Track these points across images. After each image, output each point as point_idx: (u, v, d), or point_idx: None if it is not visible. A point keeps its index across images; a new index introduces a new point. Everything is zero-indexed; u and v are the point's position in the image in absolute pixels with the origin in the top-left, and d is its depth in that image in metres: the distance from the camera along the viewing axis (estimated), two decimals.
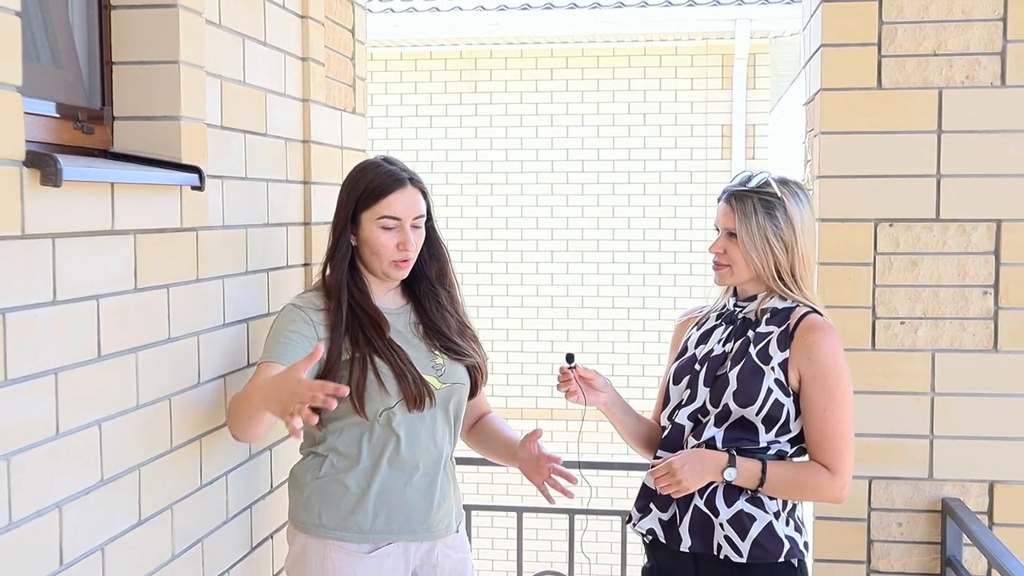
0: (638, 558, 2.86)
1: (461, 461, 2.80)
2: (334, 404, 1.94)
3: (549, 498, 2.51)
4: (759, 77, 8.58)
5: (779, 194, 2.39)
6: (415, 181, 2.41)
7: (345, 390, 1.96)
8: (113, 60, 2.07)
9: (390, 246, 2.38)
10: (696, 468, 2.38)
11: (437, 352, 2.47)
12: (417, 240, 2.42)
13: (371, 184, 2.39)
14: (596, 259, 8.67)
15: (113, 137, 2.08)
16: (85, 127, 1.98)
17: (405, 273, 2.44)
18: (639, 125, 8.55)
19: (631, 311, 8.59)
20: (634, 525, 2.54)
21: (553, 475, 2.48)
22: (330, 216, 2.49)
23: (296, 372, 1.98)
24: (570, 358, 2.51)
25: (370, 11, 8.29)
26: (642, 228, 8.59)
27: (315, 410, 2.25)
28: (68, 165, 1.66)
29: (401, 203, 2.38)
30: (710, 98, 8.53)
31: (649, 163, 8.56)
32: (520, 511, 3.42)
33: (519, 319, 8.71)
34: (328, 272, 2.43)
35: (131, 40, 2.07)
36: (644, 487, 2.53)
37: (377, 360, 2.36)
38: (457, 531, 2.56)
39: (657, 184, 8.56)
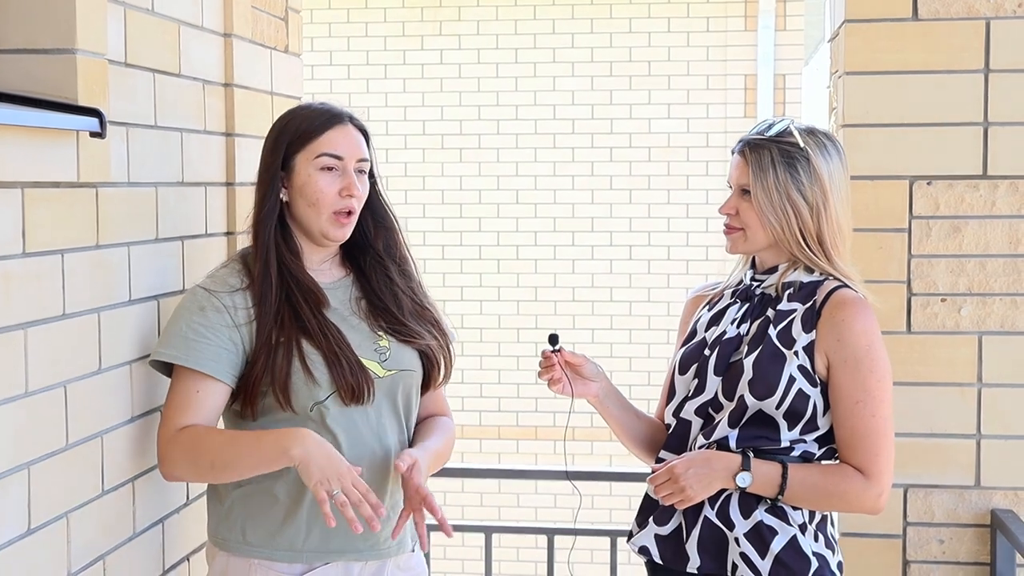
0: None
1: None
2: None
3: (422, 541, 2.57)
4: (790, 16, 8.65)
5: (802, 144, 2.47)
6: (355, 120, 2.52)
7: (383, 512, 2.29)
8: None
9: (331, 192, 2.46)
10: (703, 473, 2.44)
11: (381, 333, 2.54)
12: (362, 188, 2.50)
13: (306, 120, 2.49)
14: (590, 241, 8.71)
15: None
16: None
17: (346, 232, 2.51)
18: (642, 76, 8.60)
19: (633, 305, 8.63)
20: (630, 542, 2.63)
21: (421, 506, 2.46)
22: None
23: (354, 473, 2.28)
24: (554, 340, 2.57)
25: None
26: (647, 203, 8.64)
27: (247, 404, 2.43)
28: None
29: (343, 139, 2.48)
30: (730, 42, 8.60)
31: (655, 122, 8.61)
32: (488, 531, 3.53)
33: (495, 316, 8.76)
34: (253, 231, 2.51)
35: None
36: (646, 498, 2.60)
37: (305, 344, 2.43)
38: (413, 550, 2.63)
39: (665, 148, 8.62)
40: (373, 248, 2.60)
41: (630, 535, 2.64)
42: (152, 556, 2.60)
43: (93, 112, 2.19)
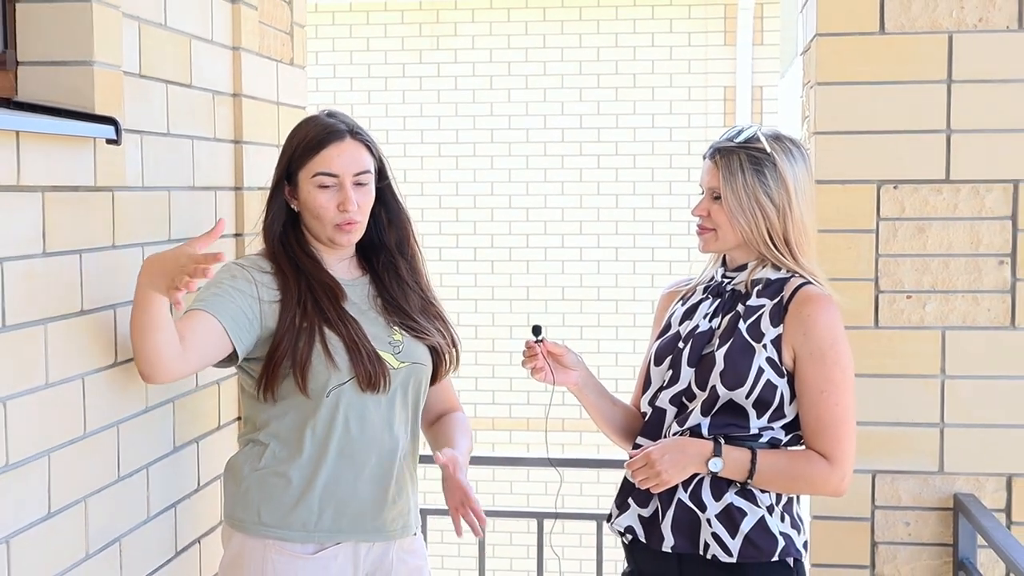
0: (617, 564, 2.98)
1: (423, 459, 2.88)
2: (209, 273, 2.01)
3: (457, 529, 2.56)
4: (767, 31, 8.69)
5: (769, 150, 2.48)
6: (356, 133, 2.52)
7: (223, 257, 2.02)
8: None
9: (330, 208, 2.48)
10: (677, 458, 2.46)
11: (396, 328, 2.57)
12: (362, 200, 2.51)
13: (306, 138, 2.50)
14: (579, 243, 8.74)
15: (17, 84, 2.18)
16: None
17: (352, 238, 2.54)
18: (628, 87, 8.63)
19: (619, 304, 8.66)
20: (611, 523, 2.64)
21: (466, 507, 2.51)
22: (265, 180, 2.61)
23: (191, 247, 2.04)
24: (537, 331, 2.59)
25: None
26: (632, 207, 8.68)
27: (268, 385, 2.40)
28: None
29: (338, 158, 2.48)
30: (710, 56, 8.63)
31: (640, 131, 8.65)
32: None
33: (490, 314, 8.78)
34: (265, 235, 2.55)
35: None
36: (624, 482, 2.61)
37: (327, 331, 2.45)
38: (415, 534, 2.65)
39: (649, 156, 8.65)
40: (386, 246, 2.63)
41: (610, 517, 2.65)
42: (165, 538, 2.62)
43: (109, 120, 2.21)
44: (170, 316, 2.20)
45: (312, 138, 2.49)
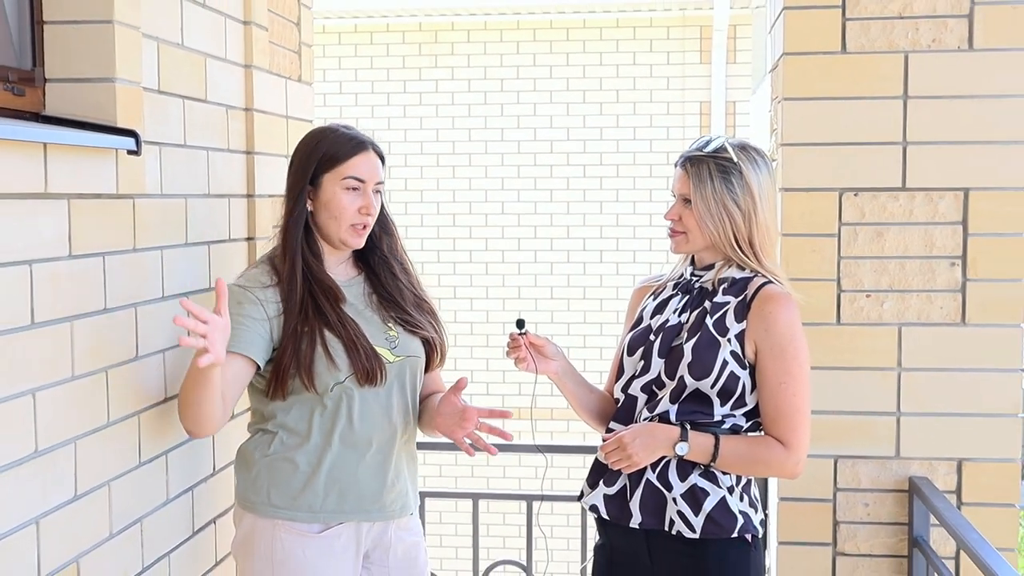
0: None
1: (422, 446, 2.88)
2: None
3: (468, 450, 2.55)
4: (740, 51, 8.70)
5: (735, 159, 2.49)
6: (375, 147, 2.55)
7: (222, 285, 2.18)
8: (44, 19, 2.17)
9: (352, 209, 2.50)
10: (647, 442, 2.47)
11: (391, 324, 2.58)
12: (376, 207, 2.55)
13: (335, 145, 2.51)
14: (566, 247, 8.75)
15: (45, 100, 2.18)
16: (15, 89, 2.09)
17: (361, 241, 2.55)
18: (611, 102, 8.64)
19: (603, 302, 8.67)
20: (581, 500, 2.66)
21: (483, 420, 2.50)
22: (275, 188, 2.61)
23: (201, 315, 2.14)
24: (520, 324, 2.60)
25: None
26: (615, 213, 8.69)
27: (279, 386, 2.43)
28: None
29: (365, 165, 2.51)
30: (687, 73, 8.64)
31: (622, 143, 8.65)
32: (476, 497, 3.55)
33: (484, 311, 8.79)
34: (282, 235, 2.53)
35: None
36: (596, 462, 2.62)
37: (327, 333, 2.46)
38: (412, 513, 2.67)
39: (631, 166, 8.66)
40: (379, 250, 2.64)
41: (581, 494, 2.66)
42: (183, 519, 2.62)
43: (130, 133, 2.21)
44: (218, 383, 2.28)
45: (343, 145, 2.51)
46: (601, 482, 2.60)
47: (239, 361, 2.42)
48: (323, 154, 2.51)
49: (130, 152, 2.22)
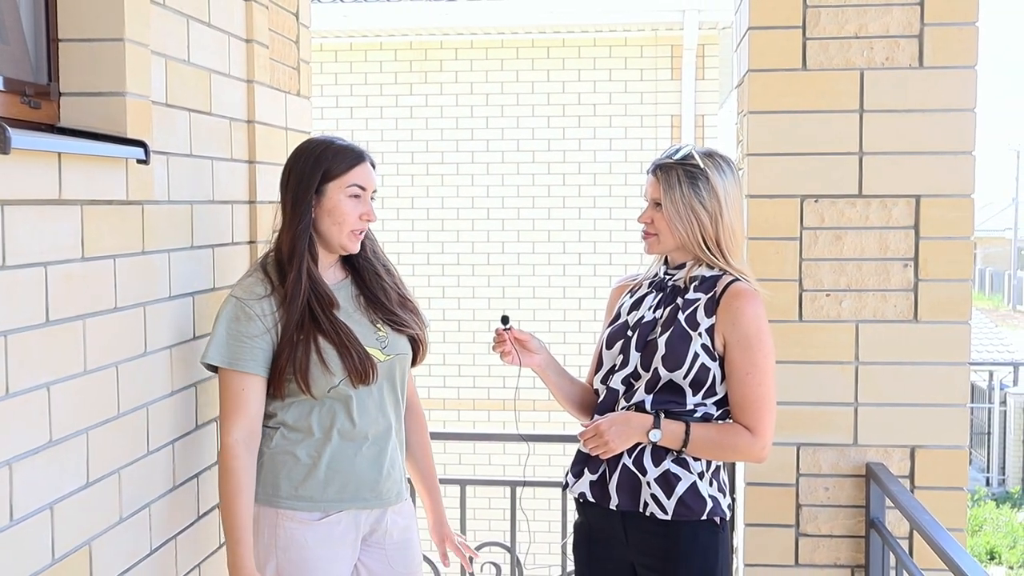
0: None
1: None
2: None
3: (444, 558, 2.91)
4: (708, 68, 8.72)
5: (702, 165, 2.49)
6: (371, 158, 2.55)
7: None
8: (59, 37, 2.16)
9: (354, 215, 2.49)
10: (622, 430, 2.48)
11: (380, 325, 2.57)
12: (375, 214, 2.54)
13: (339, 155, 2.49)
14: (547, 250, 8.76)
15: (60, 112, 2.16)
16: (32, 102, 2.07)
17: (359, 246, 2.54)
18: (589, 115, 8.65)
19: (582, 301, 8.68)
20: (568, 489, 2.65)
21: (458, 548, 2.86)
22: (275, 195, 2.59)
23: None
24: (505, 319, 2.60)
25: (320, 1, 8.36)
26: (592, 219, 8.70)
27: (276, 389, 2.45)
28: (16, 134, 1.76)
29: (367, 175, 2.52)
30: (660, 88, 8.66)
31: (599, 153, 8.66)
32: (463, 483, 3.55)
33: (471, 310, 8.78)
34: (288, 243, 2.47)
35: (77, 17, 2.16)
36: (579, 452, 2.62)
37: (321, 340, 2.45)
38: (406, 499, 2.67)
39: (607, 174, 8.67)
40: (363, 252, 2.62)
41: (567, 484, 2.66)
42: (189, 505, 2.60)
43: (139, 143, 2.20)
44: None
45: (347, 155, 2.50)
46: (586, 470, 2.60)
47: (254, 380, 2.43)
48: (328, 164, 2.48)
49: (139, 161, 2.21)
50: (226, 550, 2.42)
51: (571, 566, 2.77)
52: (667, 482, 2.48)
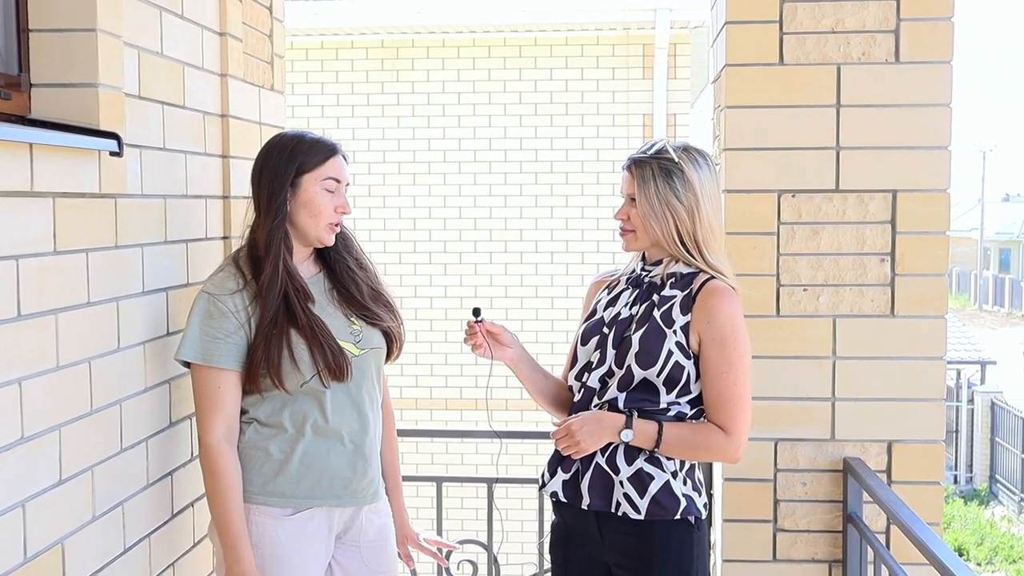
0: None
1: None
2: None
3: (407, 559, 2.85)
4: (680, 67, 8.73)
5: (677, 160, 2.46)
6: (343, 152, 2.54)
7: None
8: (30, 27, 2.12)
9: (330, 207, 2.47)
10: (594, 429, 2.45)
11: (354, 319, 2.55)
12: (349, 206, 2.53)
13: (313, 148, 2.47)
14: (519, 249, 8.75)
15: (31, 103, 2.13)
16: (2, 93, 2.04)
17: (333, 239, 2.52)
18: (561, 114, 8.65)
19: (555, 300, 8.67)
20: (542, 489, 2.63)
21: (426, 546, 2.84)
22: (250, 190, 2.55)
23: None
24: (476, 312, 2.58)
25: None
26: (565, 218, 8.70)
27: (252, 384, 2.42)
28: None
29: (342, 168, 2.50)
30: (631, 87, 8.66)
31: (571, 152, 8.67)
32: (439, 481, 3.53)
33: (443, 309, 8.76)
34: (264, 236, 2.44)
35: (48, 7, 2.12)
36: (555, 453, 2.59)
37: (293, 334, 2.42)
38: (382, 498, 2.65)
39: (579, 173, 8.67)
40: (336, 246, 2.59)
41: (543, 483, 2.63)
42: (163, 502, 2.57)
43: (112, 136, 2.17)
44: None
45: (323, 148, 2.48)
46: (559, 469, 2.57)
47: (230, 375, 2.41)
48: (303, 157, 2.46)
49: (112, 154, 2.18)
50: (223, 552, 2.40)
51: (547, 565, 2.75)
52: (640, 481, 2.45)
